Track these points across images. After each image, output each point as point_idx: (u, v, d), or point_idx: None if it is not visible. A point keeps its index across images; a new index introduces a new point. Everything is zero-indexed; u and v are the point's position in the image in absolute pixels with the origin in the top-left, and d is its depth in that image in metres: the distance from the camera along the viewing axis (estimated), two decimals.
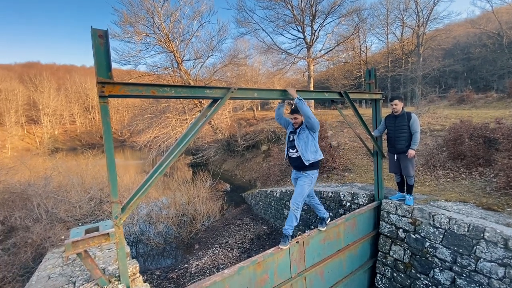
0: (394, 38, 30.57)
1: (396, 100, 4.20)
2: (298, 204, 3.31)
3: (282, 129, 15.17)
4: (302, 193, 3.33)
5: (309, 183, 3.37)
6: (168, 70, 18.55)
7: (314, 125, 3.28)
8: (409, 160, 4.18)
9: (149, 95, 2.36)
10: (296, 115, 3.45)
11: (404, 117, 4.15)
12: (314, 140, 3.37)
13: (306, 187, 3.35)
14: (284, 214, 7.51)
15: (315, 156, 3.34)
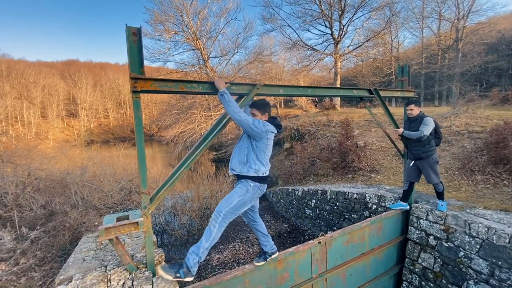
0: (429, 33, 28.59)
1: (412, 105, 3.98)
2: (219, 214, 2.37)
3: (306, 127, 14.94)
4: (229, 202, 2.41)
5: (240, 194, 2.44)
6: (195, 67, 19.00)
7: (248, 130, 2.40)
8: (429, 166, 3.92)
9: (178, 90, 2.43)
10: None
11: (417, 122, 3.91)
12: (254, 149, 2.47)
13: (235, 197, 2.43)
14: (306, 213, 7.41)
15: (242, 168, 2.46)
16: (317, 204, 6.98)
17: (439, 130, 4.07)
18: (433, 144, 3.96)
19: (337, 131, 11.93)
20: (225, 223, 2.41)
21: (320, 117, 16.39)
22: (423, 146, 3.90)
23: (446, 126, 8.96)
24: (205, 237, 2.36)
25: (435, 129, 4.00)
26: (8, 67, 44.00)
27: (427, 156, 3.92)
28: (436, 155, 3.96)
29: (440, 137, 4.10)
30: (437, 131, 4.03)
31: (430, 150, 3.92)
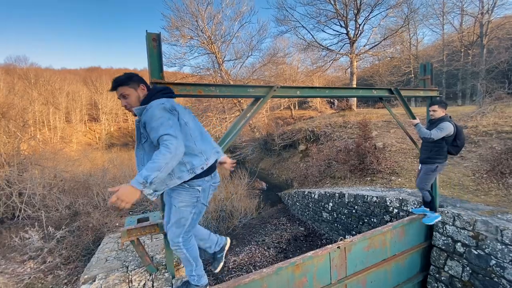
0: (451, 29, 27.34)
1: (436, 106, 3.64)
2: (178, 245, 1.92)
3: (321, 129, 14.71)
4: (180, 225, 1.86)
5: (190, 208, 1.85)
6: (210, 71, 19.30)
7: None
8: (424, 171, 3.73)
9: (196, 94, 2.46)
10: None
11: (434, 125, 3.61)
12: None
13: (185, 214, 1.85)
14: (323, 217, 7.26)
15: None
16: (334, 208, 6.83)
17: (461, 137, 3.64)
18: (443, 153, 3.62)
19: (354, 132, 11.66)
20: (190, 239, 1.99)
21: (336, 118, 16.10)
22: (430, 151, 3.65)
23: (472, 126, 8.51)
24: (186, 265, 2.08)
25: (456, 137, 3.60)
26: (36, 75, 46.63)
27: (429, 163, 3.69)
28: (440, 165, 3.66)
29: (459, 145, 3.67)
30: (458, 138, 3.63)
31: (436, 158, 3.63)
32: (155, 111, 1.61)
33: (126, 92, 1.75)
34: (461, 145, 3.66)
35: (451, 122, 3.55)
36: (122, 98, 1.77)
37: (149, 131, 1.62)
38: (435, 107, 3.67)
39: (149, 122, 1.61)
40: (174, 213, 1.85)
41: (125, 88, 1.75)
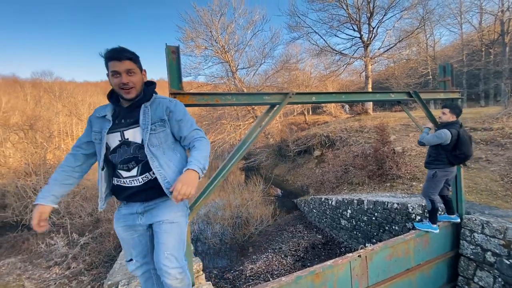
0: (470, 28, 26.38)
1: (446, 109, 3.47)
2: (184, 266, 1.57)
3: (337, 133, 14.49)
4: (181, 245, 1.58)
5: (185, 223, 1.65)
6: (224, 79, 19.63)
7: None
8: (429, 177, 3.56)
9: (214, 103, 2.51)
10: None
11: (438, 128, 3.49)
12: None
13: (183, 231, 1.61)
14: (341, 224, 7.09)
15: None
16: (353, 215, 6.65)
17: (463, 148, 3.35)
18: (441, 159, 3.45)
19: (371, 136, 11.40)
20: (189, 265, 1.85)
21: (352, 122, 15.82)
22: (429, 156, 3.57)
23: (498, 128, 8.10)
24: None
25: (455, 146, 3.36)
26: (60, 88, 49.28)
27: (428, 168, 3.62)
28: (440, 172, 3.47)
29: (458, 155, 3.37)
30: (458, 148, 3.36)
31: (433, 164, 3.52)
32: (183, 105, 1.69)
33: (134, 69, 1.49)
34: (462, 155, 3.39)
35: (453, 130, 3.31)
36: (125, 73, 1.44)
37: (180, 124, 1.58)
38: (445, 110, 3.51)
39: (184, 114, 1.61)
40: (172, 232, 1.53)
41: (133, 64, 1.49)
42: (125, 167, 1.50)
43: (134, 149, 1.50)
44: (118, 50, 1.45)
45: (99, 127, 1.53)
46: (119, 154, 1.51)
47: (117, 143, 1.51)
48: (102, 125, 1.52)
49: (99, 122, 1.54)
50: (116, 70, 1.44)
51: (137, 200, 1.55)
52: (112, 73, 1.45)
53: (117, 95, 1.55)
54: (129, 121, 1.52)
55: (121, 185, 1.54)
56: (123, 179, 1.52)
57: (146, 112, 1.54)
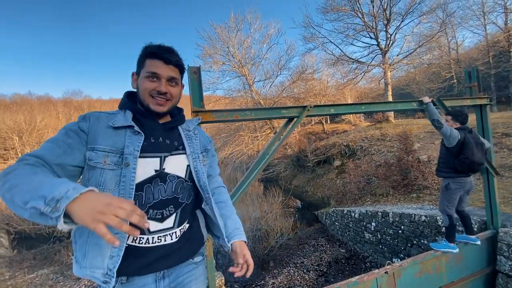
0: (495, 29, 25.12)
1: (448, 116, 3.34)
2: None
3: (357, 143, 14.14)
4: None
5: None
6: (241, 93, 20.01)
7: None
8: (443, 189, 3.28)
9: (233, 119, 2.59)
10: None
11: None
12: None
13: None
14: (365, 238, 6.81)
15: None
16: (377, 228, 6.38)
17: (468, 152, 3.03)
18: (450, 166, 3.18)
19: (394, 145, 11.01)
20: None
21: (372, 131, 15.41)
22: (439, 162, 3.34)
23: None
24: None
25: (462, 149, 3.05)
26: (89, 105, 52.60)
27: (439, 176, 3.37)
28: (453, 184, 3.17)
29: (463, 159, 3.06)
30: (463, 151, 3.05)
31: (443, 171, 3.26)
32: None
33: (177, 80, 1.12)
34: (466, 160, 3.04)
35: (460, 133, 3.08)
36: (166, 81, 1.06)
37: (213, 160, 1.30)
38: (448, 118, 3.35)
39: (212, 147, 1.31)
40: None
41: (179, 74, 1.14)
42: (158, 214, 1.00)
43: (176, 187, 1.05)
44: (169, 49, 1.08)
45: (113, 143, 0.96)
46: (149, 192, 0.99)
47: (149, 175, 1.00)
48: (124, 141, 0.97)
49: (112, 135, 0.98)
50: (157, 72, 1.03)
51: (157, 269, 1.00)
52: (148, 74, 1.03)
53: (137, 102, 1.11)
54: (173, 144, 1.08)
55: (141, 247, 0.97)
56: (149, 235, 0.98)
57: (192, 136, 1.18)
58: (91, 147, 0.95)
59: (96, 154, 0.94)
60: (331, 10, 18.69)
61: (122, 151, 0.96)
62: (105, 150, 0.95)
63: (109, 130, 0.98)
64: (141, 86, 1.06)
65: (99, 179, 0.94)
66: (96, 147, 0.95)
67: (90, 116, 1.01)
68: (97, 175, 0.94)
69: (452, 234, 3.38)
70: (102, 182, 0.94)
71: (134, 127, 1.00)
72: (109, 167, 0.95)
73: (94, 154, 0.94)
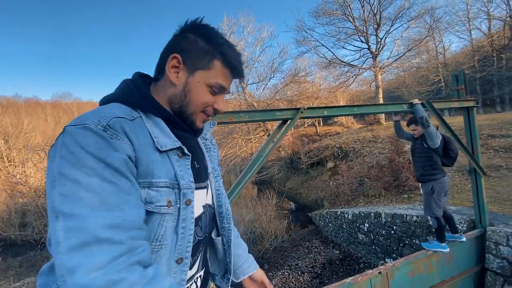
0: (479, 34, 26.07)
1: (413, 125, 3.38)
2: None
3: (350, 144, 14.31)
4: None
5: None
6: (234, 95, 20.02)
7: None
8: (428, 193, 3.22)
9: (227, 121, 2.59)
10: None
11: (421, 138, 3.29)
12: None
13: None
14: (359, 239, 6.88)
15: None
16: (370, 228, 6.46)
17: (452, 146, 3.24)
18: (438, 167, 3.23)
19: (385, 147, 11.20)
20: None
21: (364, 133, 15.64)
22: (423, 166, 3.26)
23: None
24: None
25: (446, 146, 3.19)
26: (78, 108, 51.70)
27: (425, 181, 3.26)
28: (437, 185, 3.20)
29: (452, 155, 3.25)
30: (449, 147, 3.22)
31: (432, 174, 3.21)
32: None
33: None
34: (454, 155, 3.28)
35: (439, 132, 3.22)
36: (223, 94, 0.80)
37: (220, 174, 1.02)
38: (413, 126, 3.39)
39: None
40: None
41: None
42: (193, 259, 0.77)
43: (209, 219, 0.85)
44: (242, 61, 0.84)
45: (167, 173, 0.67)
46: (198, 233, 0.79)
47: (199, 213, 0.79)
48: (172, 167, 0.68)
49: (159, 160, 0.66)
50: (226, 87, 0.78)
51: None
52: (216, 85, 0.74)
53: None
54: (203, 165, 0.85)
55: None
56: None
57: (210, 148, 0.94)
58: (146, 182, 0.61)
59: (158, 194, 0.63)
60: (323, 14, 19.00)
61: (178, 184, 0.67)
62: (167, 185, 0.65)
63: (155, 153, 0.65)
64: (197, 94, 0.73)
65: (159, 231, 0.63)
66: (154, 181, 0.62)
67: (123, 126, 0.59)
68: (154, 226, 0.63)
69: (443, 234, 3.44)
70: (161, 235, 0.64)
71: (184, 149, 0.71)
72: (170, 210, 0.65)
73: (155, 193, 0.62)
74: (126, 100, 0.68)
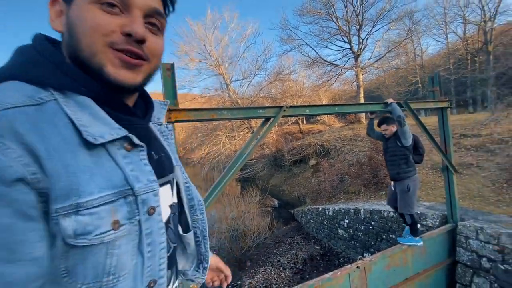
0: (455, 38, 27.47)
1: (384, 125, 3.43)
2: None
3: (331, 142, 14.62)
4: None
5: None
6: (218, 91, 19.81)
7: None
8: (404, 191, 3.30)
9: (210, 118, 2.55)
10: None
11: (393, 138, 3.37)
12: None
13: None
14: (339, 234, 7.07)
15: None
16: (350, 224, 6.65)
17: (421, 144, 3.45)
18: (412, 165, 3.35)
19: (365, 145, 11.54)
20: None
21: (346, 131, 16.02)
22: (398, 165, 3.33)
23: (487, 134, 8.31)
24: None
25: (416, 144, 3.38)
26: None
27: (401, 179, 3.33)
28: (413, 180, 3.34)
29: (421, 152, 3.46)
30: (418, 145, 3.42)
31: (408, 172, 3.31)
32: None
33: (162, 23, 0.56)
34: (423, 152, 3.47)
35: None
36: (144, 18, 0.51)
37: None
38: (384, 126, 3.45)
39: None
40: None
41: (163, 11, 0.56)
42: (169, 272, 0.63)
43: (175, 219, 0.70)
44: None
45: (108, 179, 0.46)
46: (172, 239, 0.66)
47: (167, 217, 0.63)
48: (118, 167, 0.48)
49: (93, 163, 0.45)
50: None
51: None
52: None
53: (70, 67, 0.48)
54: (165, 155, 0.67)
55: None
56: None
57: (167, 135, 0.75)
58: (70, 207, 0.41)
59: (93, 218, 0.43)
60: (307, 13, 19.18)
61: (132, 189, 0.48)
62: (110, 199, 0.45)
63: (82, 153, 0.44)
64: (82, 20, 0.47)
65: (108, 263, 0.45)
66: (83, 202, 0.42)
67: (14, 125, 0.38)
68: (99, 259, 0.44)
69: (416, 229, 3.60)
70: (114, 266, 0.45)
71: (133, 138, 0.50)
72: (121, 232, 0.46)
73: (89, 218, 0.42)
74: (28, 74, 0.45)
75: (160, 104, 0.74)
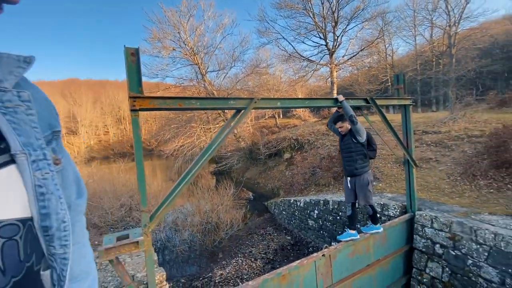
0: (422, 40, 29.21)
1: (339, 123, 3.61)
2: None
3: (305, 137, 14.95)
4: None
5: None
6: (193, 82, 19.29)
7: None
8: (360, 187, 3.51)
9: (177, 107, 2.45)
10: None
11: (349, 134, 3.57)
12: None
13: None
14: (309, 225, 7.30)
15: None
16: (319, 215, 6.90)
17: (374, 140, 3.71)
18: (367, 160, 3.58)
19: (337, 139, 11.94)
20: None
21: (319, 126, 16.46)
22: (356, 161, 3.50)
23: (445, 132, 8.99)
24: None
25: (369, 141, 3.62)
26: None
27: (359, 174, 3.52)
28: (370, 174, 3.58)
29: (375, 148, 3.70)
30: (371, 142, 3.66)
31: (365, 167, 3.52)
32: None
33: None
34: (376, 147, 3.72)
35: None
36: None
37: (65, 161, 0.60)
38: (339, 124, 3.62)
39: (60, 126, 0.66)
40: None
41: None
42: None
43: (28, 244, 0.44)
44: None
45: None
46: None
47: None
48: None
49: None
50: None
51: None
52: None
53: None
54: None
55: None
56: None
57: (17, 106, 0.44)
58: None
59: None
60: (285, 6, 19.18)
61: None
62: None
63: None
64: None
65: None
66: None
67: None
68: None
69: (377, 218, 3.88)
70: None
71: None
72: None
73: None
74: None
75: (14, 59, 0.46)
